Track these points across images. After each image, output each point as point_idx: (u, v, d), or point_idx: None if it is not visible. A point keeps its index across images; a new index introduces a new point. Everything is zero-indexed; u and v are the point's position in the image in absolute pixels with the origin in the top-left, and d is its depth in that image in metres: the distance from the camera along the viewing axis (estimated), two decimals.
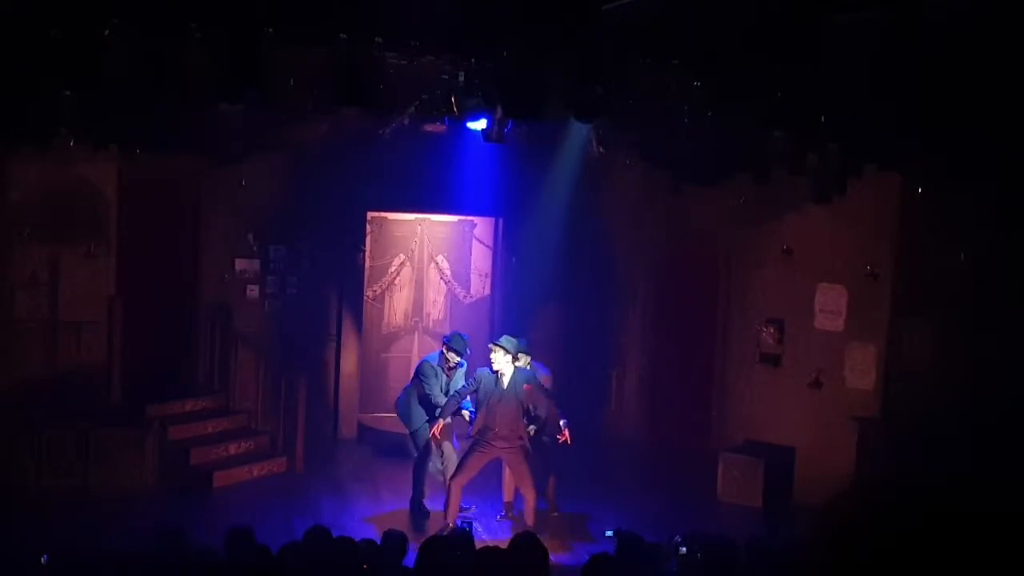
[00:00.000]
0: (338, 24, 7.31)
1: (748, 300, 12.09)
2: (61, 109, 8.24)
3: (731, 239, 12.21)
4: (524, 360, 9.84)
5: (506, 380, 9.52)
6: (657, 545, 7.12)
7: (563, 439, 9.60)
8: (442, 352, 10.36)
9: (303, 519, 9.47)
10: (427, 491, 10.49)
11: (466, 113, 8.74)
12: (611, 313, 13.53)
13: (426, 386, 10.23)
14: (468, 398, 9.98)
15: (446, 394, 10.12)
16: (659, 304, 13.23)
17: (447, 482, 9.85)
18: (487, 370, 9.64)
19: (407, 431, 10.59)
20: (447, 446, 10.31)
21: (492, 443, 9.60)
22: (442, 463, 10.31)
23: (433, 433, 9.89)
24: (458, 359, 10.29)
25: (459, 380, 10.23)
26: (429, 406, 10.19)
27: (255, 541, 6.41)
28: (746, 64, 7.46)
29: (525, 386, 9.57)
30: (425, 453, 10.41)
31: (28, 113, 8.23)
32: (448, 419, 9.96)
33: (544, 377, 10.29)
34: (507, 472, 10.12)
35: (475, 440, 9.74)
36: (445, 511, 9.63)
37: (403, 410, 10.54)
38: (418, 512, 10.40)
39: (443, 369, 10.28)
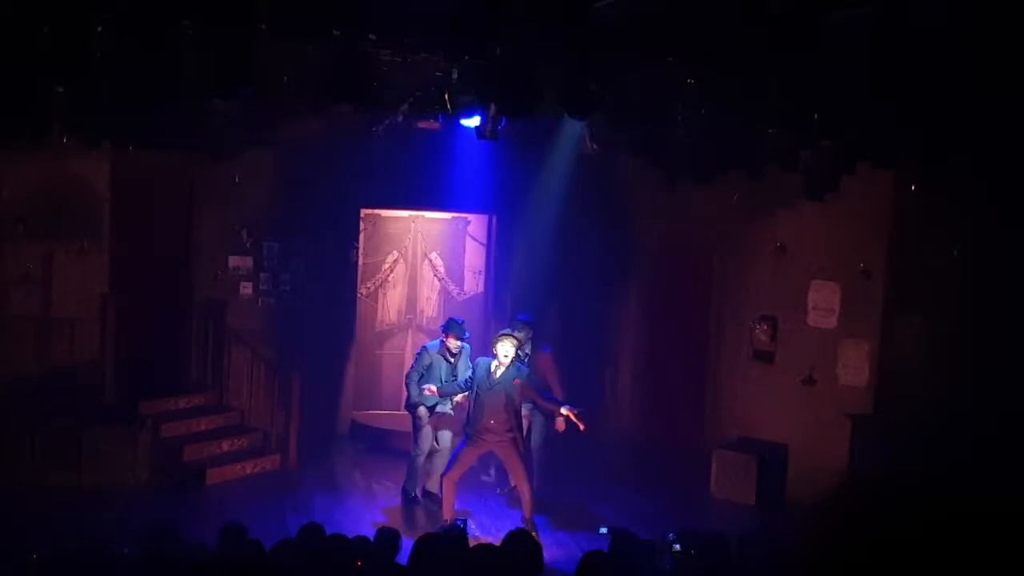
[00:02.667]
0: (332, 21, 7.30)
1: (741, 297, 12.10)
2: (54, 105, 8.23)
3: (725, 236, 12.22)
4: (524, 334, 10.16)
5: (499, 372, 9.50)
6: (651, 542, 7.14)
7: (580, 426, 9.59)
8: (443, 340, 10.43)
9: (296, 516, 9.49)
10: (418, 482, 10.61)
11: (460, 110, 8.75)
12: (605, 310, 13.54)
13: (413, 368, 10.53)
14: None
15: (446, 381, 10.29)
16: (652, 301, 13.24)
17: (439, 477, 9.93)
18: (487, 360, 9.65)
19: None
20: (444, 437, 10.50)
21: (482, 436, 9.59)
22: (428, 454, 10.56)
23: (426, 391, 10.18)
24: (459, 343, 10.38)
25: (465, 364, 10.32)
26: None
27: (248, 538, 6.41)
28: (740, 61, 7.47)
29: (515, 380, 9.56)
30: (415, 441, 10.60)
31: (21, 109, 8.21)
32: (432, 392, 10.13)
33: (545, 355, 10.58)
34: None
35: (466, 434, 9.76)
36: (442, 507, 9.70)
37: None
38: (406, 500, 10.59)
39: (445, 357, 10.35)
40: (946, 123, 7.81)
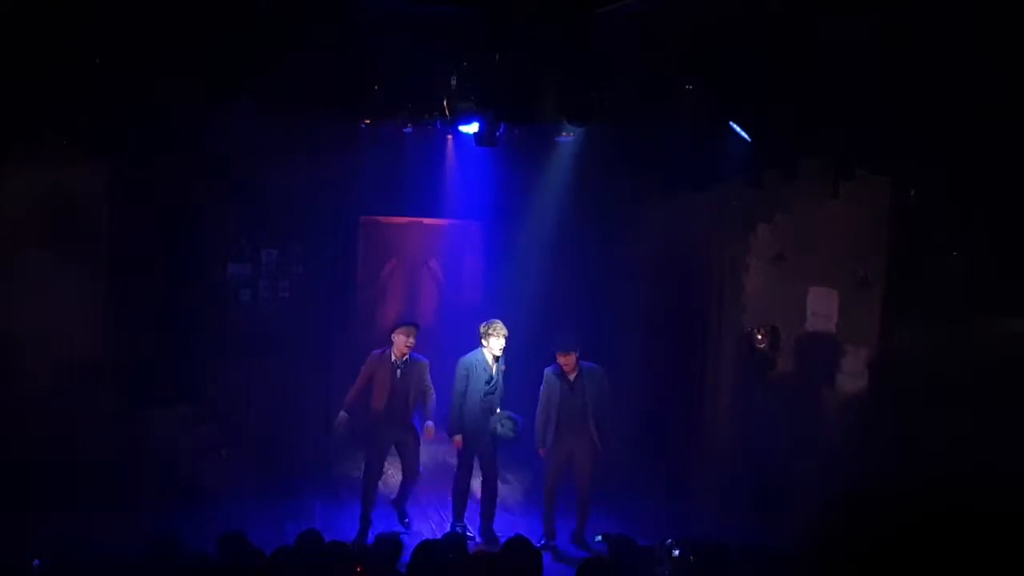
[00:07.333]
0: (331, 27, 7.32)
1: (740, 303, 12.08)
2: (52, 112, 8.24)
3: (723, 242, 12.22)
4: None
5: (496, 372, 9.56)
6: (649, 548, 7.13)
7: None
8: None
9: (295, 523, 9.48)
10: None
11: (458, 116, 8.77)
12: (601, 315, 13.53)
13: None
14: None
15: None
16: (650, 306, 13.23)
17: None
18: (480, 360, 9.69)
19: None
20: None
21: (479, 437, 9.67)
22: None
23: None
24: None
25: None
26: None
27: (248, 545, 6.41)
28: (739, 68, 7.49)
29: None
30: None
31: (18, 115, 8.23)
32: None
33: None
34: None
35: (469, 438, 9.75)
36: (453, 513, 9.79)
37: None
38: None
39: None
40: (945, 128, 7.83)
